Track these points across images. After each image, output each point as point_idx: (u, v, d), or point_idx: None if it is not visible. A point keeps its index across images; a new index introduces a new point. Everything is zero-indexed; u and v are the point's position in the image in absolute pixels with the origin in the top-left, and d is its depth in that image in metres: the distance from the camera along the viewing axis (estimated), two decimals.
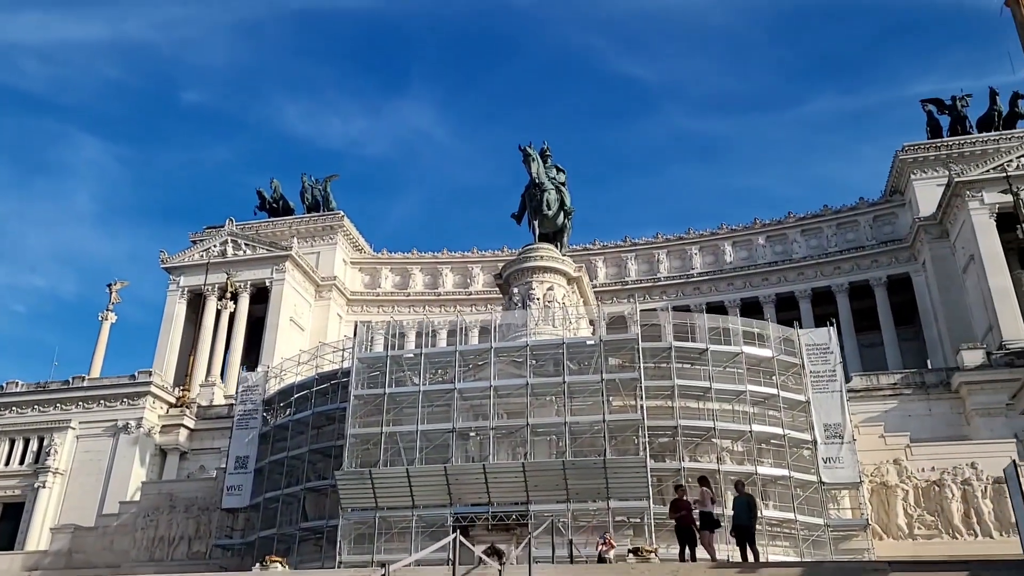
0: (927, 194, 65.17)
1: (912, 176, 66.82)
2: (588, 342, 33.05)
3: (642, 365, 31.92)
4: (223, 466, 40.63)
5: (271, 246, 73.24)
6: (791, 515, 31.17)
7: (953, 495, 33.71)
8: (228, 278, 66.93)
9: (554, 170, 47.15)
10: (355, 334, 40.86)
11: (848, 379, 49.95)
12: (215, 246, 74.23)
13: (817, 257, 70.96)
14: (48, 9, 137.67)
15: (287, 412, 37.61)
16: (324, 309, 76.00)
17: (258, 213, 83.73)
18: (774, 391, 33.09)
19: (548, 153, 47.82)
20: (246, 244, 74.04)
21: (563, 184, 46.78)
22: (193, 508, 39.91)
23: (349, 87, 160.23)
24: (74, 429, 53.64)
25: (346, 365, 35.50)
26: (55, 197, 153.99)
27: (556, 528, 27.26)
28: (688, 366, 33.76)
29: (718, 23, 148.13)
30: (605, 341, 32.92)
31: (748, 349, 33.65)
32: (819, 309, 69.22)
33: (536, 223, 44.87)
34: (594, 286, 76.34)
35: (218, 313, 69.65)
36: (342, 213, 79.85)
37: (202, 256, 73.93)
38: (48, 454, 52.67)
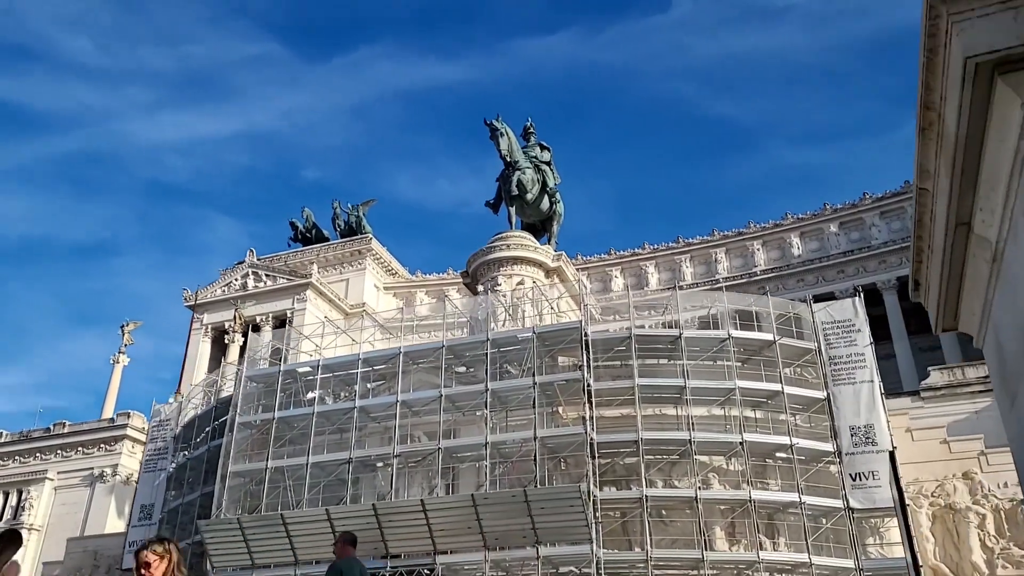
0: None
1: None
2: (520, 336, 25.25)
3: (588, 361, 24.05)
4: None
5: (291, 275, 68.63)
6: (804, 556, 22.46)
7: None
8: (236, 310, 62.21)
9: (537, 148, 39.85)
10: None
11: (926, 375, 40.42)
12: (236, 280, 70.30)
13: (901, 241, 60.11)
14: (186, 110, 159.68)
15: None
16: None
17: (292, 244, 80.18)
18: (777, 387, 24.49)
19: (532, 131, 40.73)
20: (267, 275, 69.87)
21: (548, 163, 39.35)
22: (115, 568, 33.98)
23: (454, 151, 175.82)
24: (52, 480, 49.09)
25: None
26: (195, 274, 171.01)
27: None
28: (664, 361, 25.65)
29: (812, 60, 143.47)
30: (542, 334, 25.06)
31: (739, 333, 25.18)
32: (908, 303, 58.75)
33: (512, 209, 37.60)
34: (645, 293, 68.26)
35: (242, 348, 65.47)
36: (371, 236, 74.45)
37: (223, 291, 70.27)
38: (24, 509, 48.31)
